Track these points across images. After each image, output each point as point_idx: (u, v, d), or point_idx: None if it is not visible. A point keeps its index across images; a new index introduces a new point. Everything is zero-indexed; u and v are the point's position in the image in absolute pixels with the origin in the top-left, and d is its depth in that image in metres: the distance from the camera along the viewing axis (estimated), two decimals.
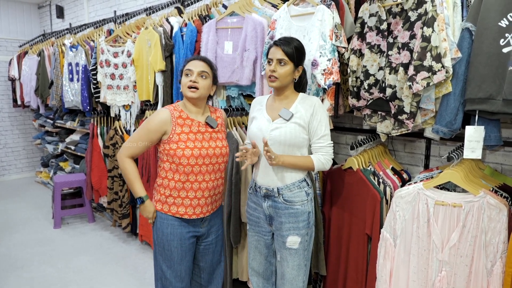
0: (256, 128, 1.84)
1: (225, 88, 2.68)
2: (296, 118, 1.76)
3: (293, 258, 1.81)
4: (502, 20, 1.56)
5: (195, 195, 1.84)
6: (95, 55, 3.65)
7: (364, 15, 1.96)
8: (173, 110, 1.84)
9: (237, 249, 2.59)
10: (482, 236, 1.60)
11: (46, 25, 6.18)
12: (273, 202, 1.82)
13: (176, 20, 3.00)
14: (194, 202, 1.85)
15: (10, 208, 4.82)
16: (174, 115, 1.82)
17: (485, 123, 1.67)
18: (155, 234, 1.90)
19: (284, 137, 1.74)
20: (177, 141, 1.79)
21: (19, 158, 6.35)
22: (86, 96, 3.93)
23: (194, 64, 1.82)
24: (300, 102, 1.81)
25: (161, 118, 1.81)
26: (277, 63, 1.75)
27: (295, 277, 1.83)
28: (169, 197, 1.84)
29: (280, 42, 1.76)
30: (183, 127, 1.82)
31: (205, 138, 1.86)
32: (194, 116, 1.87)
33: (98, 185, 3.98)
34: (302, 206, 1.80)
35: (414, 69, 1.72)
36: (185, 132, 1.82)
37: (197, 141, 1.83)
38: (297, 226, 1.79)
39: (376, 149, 2.22)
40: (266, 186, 1.82)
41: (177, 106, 1.87)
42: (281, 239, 1.83)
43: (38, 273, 3.17)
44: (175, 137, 1.80)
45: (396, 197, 1.79)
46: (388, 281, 1.84)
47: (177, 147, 1.78)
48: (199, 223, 1.91)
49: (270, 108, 1.86)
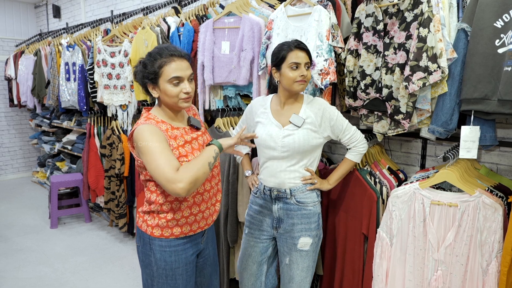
0: (265, 135, 1.79)
1: (222, 88, 2.68)
2: (307, 124, 1.76)
3: (304, 260, 1.82)
4: (498, 20, 1.57)
5: (199, 210, 1.60)
6: (92, 54, 3.64)
7: (360, 16, 1.97)
8: (155, 123, 1.49)
9: (234, 248, 2.59)
10: (478, 236, 1.60)
11: (42, 24, 6.16)
12: (284, 204, 1.81)
13: (173, 20, 3.00)
14: (199, 217, 1.61)
15: (6, 208, 4.80)
16: (162, 128, 1.49)
17: (480, 123, 1.68)
18: (153, 267, 1.58)
19: (298, 143, 1.74)
20: (178, 157, 1.48)
21: (16, 158, 6.33)
22: (83, 96, 3.92)
23: (181, 67, 1.48)
24: (308, 106, 1.80)
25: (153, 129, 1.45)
26: (305, 67, 1.72)
27: (304, 279, 1.83)
28: (171, 220, 1.54)
29: (302, 46, 1.72)
30: (176, 139, 1.52)
31: (200, 143, 1.61)
32: (177, 124, 1.58)
33: (95, 185, 3.97)
34: (314, 207, 1.82)
35: (410, 69, 1.73)
36: (180, 145, 1.52)
37: (195, 151, 1.55)
38: (309, 228, 1.80)
39: (372, 149, 2.23)
40: (278, 188, 1.81)
41: (156, 117, 1.53)
42: (291, 241, 1.82)
43: (35, 273, 3.16)
44: (175, 152, 1.49)
45: (392, 197, 1.80)
46: (384, 280, 1.85)
47: None
48: (200, 239, 1.68)
49: (277, 113, 1.82)
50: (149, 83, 1.51)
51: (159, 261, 1.57)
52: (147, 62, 1.49)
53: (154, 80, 1.49)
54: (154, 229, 1.56)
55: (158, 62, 1.47)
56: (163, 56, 1.47)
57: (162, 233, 1.55)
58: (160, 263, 1.57)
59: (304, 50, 1.72)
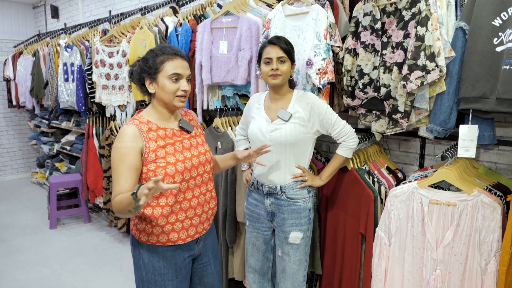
0: (256, 129, 1.86)
1: (220, 88, 2.67)
2: (295, 118, 1.79)
3: (295, 253, 1.86)
4: (496, 19, 1.57)
5: (185, 216, 1.54)
6: (90, 55, 3.64)
7: (358, 15, 1.96)
8: (138, 123, 1.49)
9: (233, 248, 2.59)
10: (476, 235, 1.60)
11: (41, 25, 6.15)
12: (275, 200, 1.86)
13: (171, 20, 2.99)
14: (186, 224, 1.54)
15: (5, 209, 4.79)
16: (143, 129, 1.48)
17: (479, 122, 1.67)
18: (142, 271, 1.55)
19: (285, 137, 1.78)
20: (154, 160, 1.46)
21: (15, 158, 6.32)
22: (81, 96, 3.91)
23: (182, 66, 1.50)
24: (297, 101, 1.83)
25: (130, 133, 1.45)
26: (277, 61, 1.75)
27: (296, 272, 1.88)
28: (156, 226, 1.49)
29: (276, 41, 1.77)
30: (157, 140, 1.49)
31: (185, 146, 1.55)
32: (165, 124, 1.55)
33: (94, 186, 3.96)
34: (304, 203, 1.85)
35: (408, 68, 1.73)
36: (161, 146, 1.48)
37: (177, 153, 1.51)
38: (300, 222, 1.85)
39: (371, 148, 2.22)
40: (269, 184, 1.86)
41: (141, 118, 1.53)
42: (283, 235, 1.87)
43: (34, 274, 3.15)
44: (151, 155, 1.46)
45: (390, 196, 1.80)
46: (383, 280, 1.85)
47: (156, 167, 1.45)
48: (193, 246, 1.61)
49: (268, 108, 1.88)
50: (147, 78, 1.51)
51: (148, 265, 1.54)
52: (149, 57, 1.51)
53: (153, 74, 1.49)
54: (141, 233, 1.53)
55: (160, 58, 1.48)
56: (165, 53, 1.49)
57: (148, 239, 1.52)
58: (149, 268, 1.54)
59: (276, 45, 1.75)
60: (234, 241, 2.49)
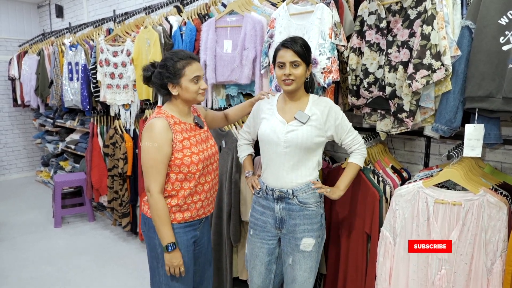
0: (269, 130, 1.79)
1: (224, 87, 2.67)
2: (312, 121, 1.75)
3: (306, 260, 1.80)
4: (502, 17, 1.56)
5: (199, 198, 1.78)
6: (94, 54, 3.65)
7: (363, 13, 1.96)
8: (165, 117, 1.71)
9: (237, 247, 2.59)
10: (482, 235, 1.59)
11: (45, 24, 6.17)
12: (286, 205, 1.79)
13: (176, 19, 2.99)
14: (198, 205, 1.78)
15: (10, 207, 4.82)
16: (170, 122, 1.70)
17: (484, 121, 1.66)
18: (158, 248, 1.74)
19: (301, 139, 1.72)
20: (182, 149, 1.69)
21: (20, 157, 6.35)
22: (86, 96, 3.93)
23: (199, 68, 1.73)
24: (314, 104, 1.79)
25: (163, 126, 1.67)
26: (290, 66, 1.70)
27: (306, 280, 1.82)
28: (175, 206, 1.72)
29: (289, 43, 1.70)
30: (182, 133, 1.72)
31: (202, 139, 1.81)
32: (185, 119, 1.78)
33: (98, 184, 3.98)
34: (317, 208, 1.80)
35: (414, 67, 1.72)
36: (186, 138, 1.72)
37: (198, 144, 1.76)
38: (312, 228, 1.79)
39: (375, 147, 2.21)
40: (280, 188, 1.79)
41: (166, 112, 1.74)
42: (294, 242, 1.80)
43: (38, 272, 3.17)
44: (179, 145, 1.69)
45: (395, 196, 1.79)
46: (387, 280, 1.84)
47: (183, 156, 1.69)
48: (197, 226, 1.84)
49: (282, 110, 1.82)
50: (169, 83, 1.70)
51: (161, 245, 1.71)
52: (168, 64, 1.69)
53: (176, 79, 1.69)
54: None
55: (181, 63, 1.69)
56: (184, 58, 1.70)
57: None
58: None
59: (290, 48, 1.69)
60: (238, 240, 2.49)
